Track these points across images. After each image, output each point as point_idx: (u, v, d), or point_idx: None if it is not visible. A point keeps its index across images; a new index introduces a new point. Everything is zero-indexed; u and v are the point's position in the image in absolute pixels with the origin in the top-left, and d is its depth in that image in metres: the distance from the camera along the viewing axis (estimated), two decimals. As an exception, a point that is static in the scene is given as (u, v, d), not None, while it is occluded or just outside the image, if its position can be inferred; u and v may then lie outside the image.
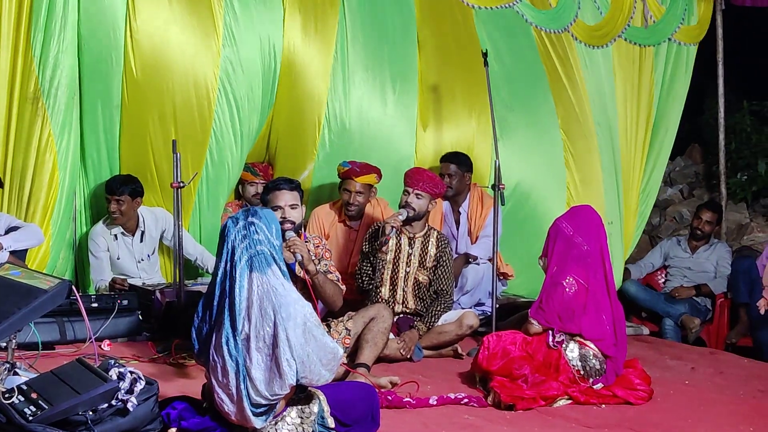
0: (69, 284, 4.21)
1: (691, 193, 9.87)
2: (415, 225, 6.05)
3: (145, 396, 3.69)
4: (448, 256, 6.08)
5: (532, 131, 7.67)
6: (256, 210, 3.77)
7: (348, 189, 6.57)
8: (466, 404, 4.87)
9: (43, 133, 6.12)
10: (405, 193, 6.05)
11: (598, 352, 5.12)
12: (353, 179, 6.53)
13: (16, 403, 3.57)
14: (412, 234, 6.06)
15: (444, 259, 6.04)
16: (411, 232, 6.07)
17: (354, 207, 6.58)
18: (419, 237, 6.07)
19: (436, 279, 6.04)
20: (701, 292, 7.70)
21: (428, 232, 6.11)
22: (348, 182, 6.56)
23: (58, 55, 6.07)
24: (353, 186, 6.54)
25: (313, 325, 3.66)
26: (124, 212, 6.33)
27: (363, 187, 6.57)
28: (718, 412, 5.01)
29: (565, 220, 5.36)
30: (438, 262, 6.03)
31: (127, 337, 5.75)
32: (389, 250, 6.01)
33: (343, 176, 6.61)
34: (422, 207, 6.01)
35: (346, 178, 6.58)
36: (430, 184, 6.03)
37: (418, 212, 6.00)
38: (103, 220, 6.48)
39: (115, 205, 6.30)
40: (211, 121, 6.54)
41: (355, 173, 6.52)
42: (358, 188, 6.55)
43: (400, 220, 5.93)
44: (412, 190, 6.00)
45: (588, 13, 7.80)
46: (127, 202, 6.31)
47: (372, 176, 6.59)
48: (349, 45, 7.07)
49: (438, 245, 6.05)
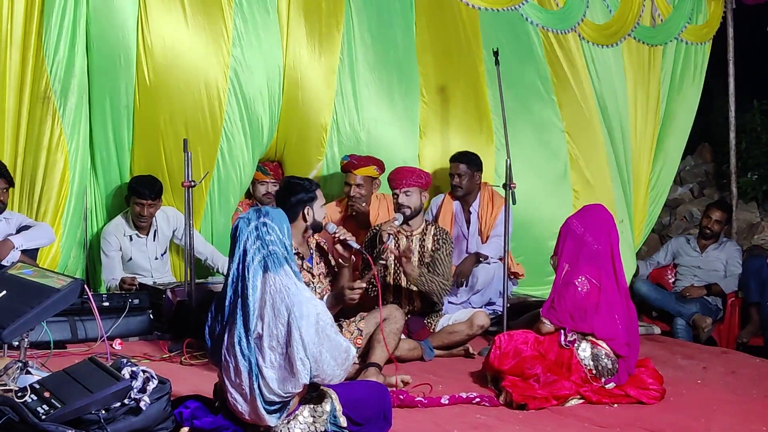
0: (81, 283, 4.23)
1: (702, 192, 9.84)
2: (412, 223, 6.03)
3: (158, 395, 3.69)
4: (447, 245, 6.00)
5: (537, 133, 7.66)
6: (268, 210, 3.78)
7: (348, 182, 6.70)
8: (477, 404, 4.86)
9: (54, 132, 6.15)
10: (395, 196, 6.07)
11: (611, 352, 5.10)
12: (353, 172, 6.67)
13: (29, 401, 3.57)
14: (410, 232, 6.04)
15: (442, 248, 5.97)
16: (408, 230, 6.04)
17: (356, 199, 6.66)
18: (417, 234, 6.04)
19: (433, 264, 5.95)
20: (712, 292, 7.67)
21: (426, 227, 6.09)
22: (348, 175, 6.70)
23: (69, 55, 6.10)
24: (353, 179, 6.67)
25: (326, 324, 3.67)
26: (152, 215, 6.37)
27: (363, 180, 6.68)
28: (731, 412, 4.99)
29: (576, 219, 5.36)
30: (435, 252, 5.99)
31: (139, 336, 5.76)
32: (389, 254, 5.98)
33: (343, 169, 6.76)
34: (415, 203, 6.01)
35: (346, 171, 6.72)
36: (414, 177, 6.05)
37: (413, 210, 6.00)
38: (121, 214, 6.48)
39: (147, 209, 6.32)
40: (221, 121, 6.56)
41: (353, 166, 6.67)
42: (359, 180, 6.67)
43: (396, 225, 5.91)
44: (400, 189, 6.01)
45: (597, 11, 7.79)
46: (156, 205, 6.35)
47: (371, 168, 6.69)
48: (356, 46, 7.09)
49: (434, 239, 6.02)
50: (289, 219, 5.05)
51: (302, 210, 5.13)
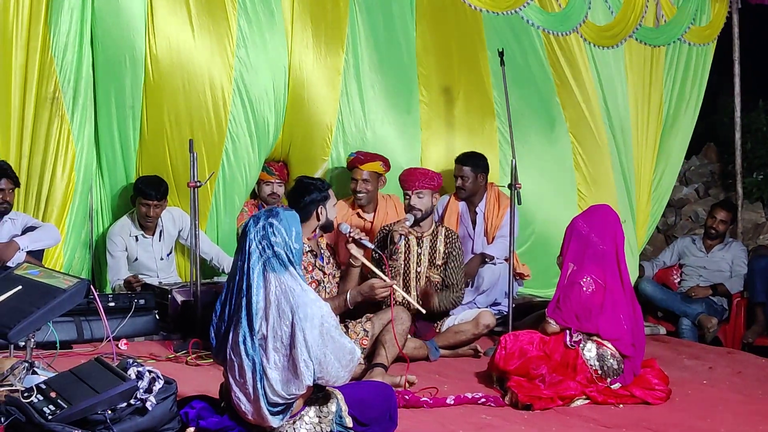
0: (87, 283, 4.24)
1: (707, 192, 9.82)
2: (423, 224, 6.05)
3: (164, 395, 3.69)
4: (458, 251, 6.06)
5: (541, 134, 7.65)
6: (278, 211, 3.76)
7: (355, 178, 6.74)
8: (483, 404, 4.86)
9: (62, 133, 6.16)
10: (406, 197, 6.08)
11: (616, 352, 5.10)
12: (359, 167, 6.71)
13: (35, 402, 3.57)
14: (420, 233, 6.05)
15: (454, 254, 6.03)
16: (419, 232, 6.05)
17: (362, 194, 6.71)
18: (427, 236, 6.06)
19: (446, 274, 6.02)
20: (718, 292, 7.66)
21: (436, 229, 6.11)
22: (355, 171, 6.74)
23: (78, 56, 6.11)
24: (359, 174, 6.70)
25: (331, 326, 3.66)
26: (158, 215, 6.38)
27: (369, 175, 6.71)
28: (737, 412, 4.99)
29: (581, 219, 5.37)
30: (448, 258, 6.02)
31: (144, 337, 5.77)
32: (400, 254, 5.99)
33: (349, 166, 6.80)
34: (427, 205, 6.04)
35: (352, 167, 6.76)
36: (426, 179, 6.08)
37: (424, 212, 6.02)
38: (127, 214, 6.49)
39: (153, 210, 6.34)
40: (226, 122, 6.56)
41: (360, 161, 6.71)
42: (365, 176, 6.70)
43: (407, 226, 5.93)
44: (412, 191, 6.04)
45: (599, 13, 7.76)
46: (162, 206, 6.37)
47: (377, 164, 6.72)
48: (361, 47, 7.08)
49: (446, 241, 6.05)
50: (302, 218, 5.12)
51: (315, 209, 5.21)
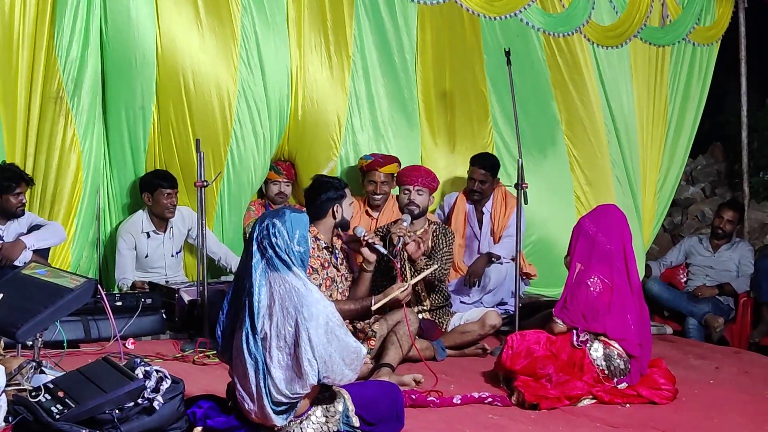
0: (95, 283, 4.25)
1: (713, 191, 9.81)
2: (416, 223, 6.00)
3: (171, 395, 3.70)
4: (445, 243, 5.94)
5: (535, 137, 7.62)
6: (285, 212, 3.74)
7: (373, 180, 6.75)
8: (490, 403, 4.86)
9: (68, 132, 6.15)
10: (405, 192, 6.06)
11: (623, 352, 5.09)
12: (378, 170, 6.72)
13: (43, 401, 3.59)
14: (413, 231, 6.02)
15: (440, 246, 5.92)
16: (412, 230, 6.02)
17: (380, 196, 6.76)
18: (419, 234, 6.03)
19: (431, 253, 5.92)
20: (724, 291, 7.66)
21: (427, 228, 6.07)
22: (372, 173, 6.75)
23: (82, 55, 6.11)
24: (378, 176, 6.73)
25: (335, 325, 3.65)
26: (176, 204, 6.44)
27: (387, 177, 6.77)
28: (744, 412, 4.98)
29: (588, 219, 5.36)
30: (433, 249, 5.94)
31: (151, 336, 5.78)
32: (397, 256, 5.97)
33: (367, 168, 6.79)
34: (424, 203, 6.04)
35: (370, 169, 6.75)
36: (428, 178, 6.10)
37: (422, 209, 6.01)
38: (143, 209, 6.46)
39: (175, 197, 6.38)
40: (232, 122, 6.57)
41: (379, 164, 6.74)
42: (383, 178, 6.75)
43: (405, 227, 5.82)
44: (413, 187, 6.02)
45: (603, 13, 7.76)
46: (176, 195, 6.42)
47: (394, 165, 6.78)
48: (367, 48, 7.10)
49: (433, 236, 5.97)
50: (318, 216, 5.16)
51: (331, 207, 5.22)
